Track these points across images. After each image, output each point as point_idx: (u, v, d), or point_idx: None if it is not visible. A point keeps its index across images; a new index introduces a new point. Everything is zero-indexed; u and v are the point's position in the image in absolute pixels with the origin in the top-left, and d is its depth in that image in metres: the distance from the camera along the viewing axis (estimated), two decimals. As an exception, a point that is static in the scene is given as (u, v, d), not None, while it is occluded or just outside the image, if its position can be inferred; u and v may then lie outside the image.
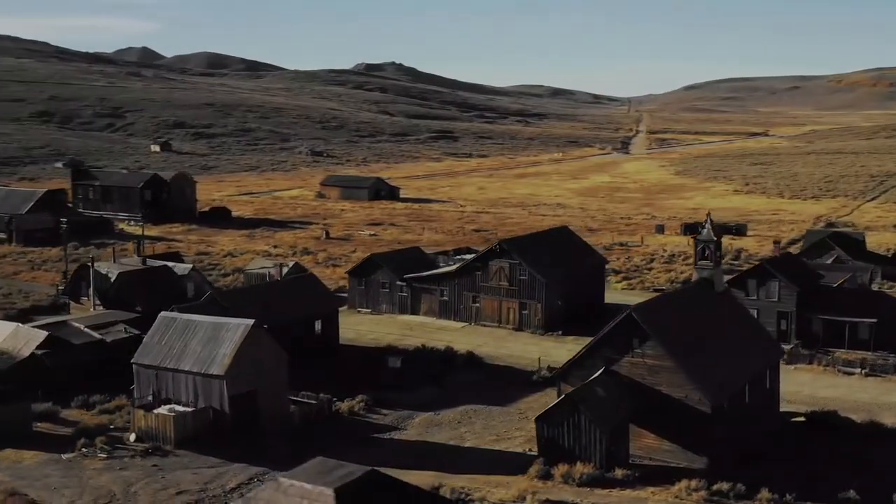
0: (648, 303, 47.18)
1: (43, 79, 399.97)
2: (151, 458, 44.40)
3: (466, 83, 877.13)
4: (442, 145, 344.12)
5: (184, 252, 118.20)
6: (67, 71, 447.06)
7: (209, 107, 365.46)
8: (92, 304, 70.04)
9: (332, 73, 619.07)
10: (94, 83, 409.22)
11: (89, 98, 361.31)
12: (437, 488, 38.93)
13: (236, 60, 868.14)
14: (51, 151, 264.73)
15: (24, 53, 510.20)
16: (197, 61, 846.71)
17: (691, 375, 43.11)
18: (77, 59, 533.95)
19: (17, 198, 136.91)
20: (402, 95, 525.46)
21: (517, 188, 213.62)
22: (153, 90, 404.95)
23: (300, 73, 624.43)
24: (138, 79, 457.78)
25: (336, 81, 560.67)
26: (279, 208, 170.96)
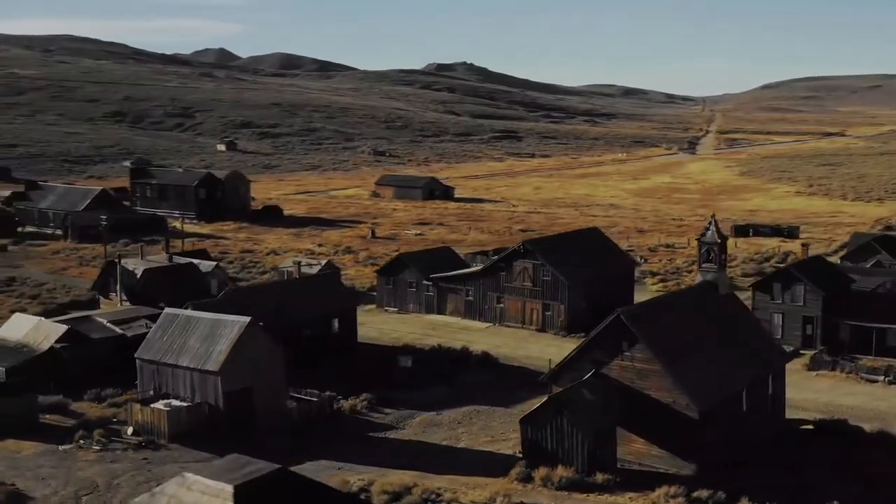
0: (639, 305, 46.46)
1: (118, 80, 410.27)
2: (144, 451, 45.31)
3: (538, 83, 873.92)
4: (505, 145, 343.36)
5: (229, 249, 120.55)
6: (142, 72, 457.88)
7: (276, 107, 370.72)
8: (119, 299, 71.74)
9: (402, 73, 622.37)
10: (167, 84, 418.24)
11: (161, 98, 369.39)
12: (410, 488, 38.94)
13: (309, 61, 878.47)
14: (120, 151, 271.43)
15: (103, 55, 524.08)
16: (271, 62, 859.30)
17: (679, 380, 42.32)
18: (153, 61, 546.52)
19: (74, 196, 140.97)
20: (470, 95, 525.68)
21: (574, 188, 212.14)
22: (223, 90, 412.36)
23: (370, 74, 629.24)
24: (210, 79, 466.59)
25: (405, 81, 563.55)
26: (332, 207, 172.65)
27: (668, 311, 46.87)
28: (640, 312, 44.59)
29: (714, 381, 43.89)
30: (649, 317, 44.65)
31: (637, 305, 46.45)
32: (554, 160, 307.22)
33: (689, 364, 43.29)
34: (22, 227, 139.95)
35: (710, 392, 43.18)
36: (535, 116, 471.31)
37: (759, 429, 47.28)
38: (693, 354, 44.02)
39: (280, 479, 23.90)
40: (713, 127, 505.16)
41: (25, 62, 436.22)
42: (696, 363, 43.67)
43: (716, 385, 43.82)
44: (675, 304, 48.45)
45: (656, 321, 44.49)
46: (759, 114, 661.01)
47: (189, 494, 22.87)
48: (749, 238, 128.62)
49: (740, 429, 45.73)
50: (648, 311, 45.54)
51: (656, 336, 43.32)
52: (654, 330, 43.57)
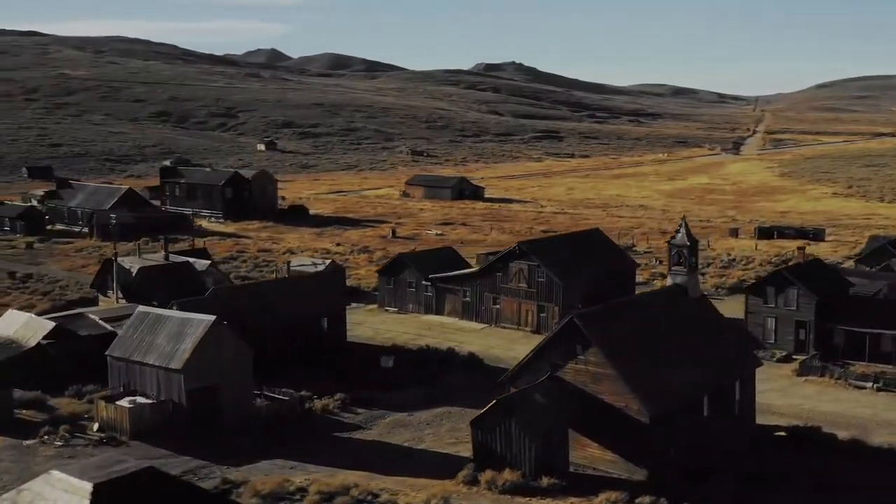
0: (596, 308, 45.95)
1: (165, 80, 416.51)
2: (104, 447, 45.90)
3: (587, 83, 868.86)
4: (545, 145, 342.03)
5: (247, 248, 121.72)
6: (190, 72, 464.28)
7: (318, 107, 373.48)
8: (115, 297, 72.82)
9: (448, 73, 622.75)
10: (214, 84, 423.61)
11: (206, 98, 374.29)
12: (348, 489, 38.97)
13: (358, 61, 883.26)
14: (162, 150, 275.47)
15: (152, 56, 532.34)
16: (321, 63, 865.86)
17: (631, 384, 41.76)
18: (201, 61, 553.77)
19: (102, 195, 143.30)
20: (515, 95, 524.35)
21: (608, 189, 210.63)
22: (268, 91, 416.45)
23: (416, 74, 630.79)
24: (256, 80, 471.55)
25: (450, 81, 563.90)
26: (360, 207, 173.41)
27: (627, 314, 46.28)
28: (595, 315, 44.07)
29: (670, 385, 43.23)
30: (604, 320, 44.12)
31: (593, 308, 45.89)
32: (593, 160, 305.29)
33: (643, 368, 42.70)
34: (52, 225, 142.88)
35: (664, 397, 42.55)
36: (578, 116, 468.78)
37: (726, 435, 46.45)
38: (649, 358, 43.40)
39: (144, 478, 24.09)
40: (761, 127, 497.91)
41: (76, 63, 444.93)
42: (651, 367, 43.06)
43: (671, 390, 43.16)
44: (636, 308, 47.82)
45: (611, 324, 43.94)
46: (810, 114, 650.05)
47: (52, 492, 23.18)
48: (772, 240, 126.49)
49: (702, 435, 45.00)
50: (604, 314, 44.99)
51: (610, 339, 42.80)
52: (608, 333, 43.05)
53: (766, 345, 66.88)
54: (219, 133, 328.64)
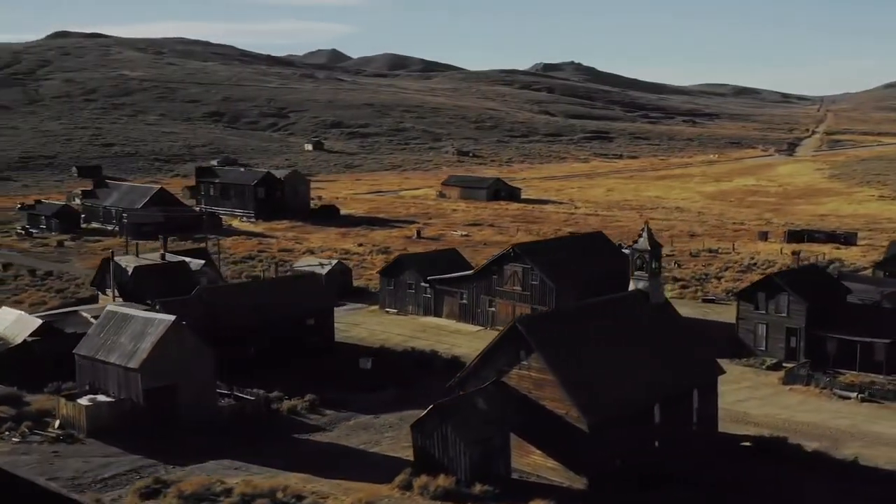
0: (542, 314, 45.31)
1: (220, 81, 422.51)
2: (59, 444, 46.62)
3: (647, 83, 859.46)
4: (594, 146, 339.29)
5: (268, 248, 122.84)
6: (246, 73, 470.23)
7: (369, 107, 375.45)
8: (112, 295, 74.02)
9: (503, 73, 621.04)
10: (268, 85, 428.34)
11: (258, 99, 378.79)
12: (275, 491, 39.01)
13: (417, 61, 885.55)
14: (211, 150, 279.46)
15: (211, 56, 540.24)
16: (379, 63, 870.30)
17: (571, 391, 41.11)
18: (258, 62, 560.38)
19: (135, 194, 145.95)
20: (568, 95, 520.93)
21: (648, 190, 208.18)
22: (320, 91, 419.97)
23: (470, 74, 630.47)
24: (310, 80, 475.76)
25: (505, 81, 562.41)
26: (394, 207, 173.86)
27: (575, 319, 45.54)
28: (539, 320, 43.49)
29: (614, 393, 42.45)
30: (548, 325, 43.51)
31: (539, 314, 45.27)
32: (641, 161, 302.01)
33: (585, 375, 42.00)
34: (88, 224, 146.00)
35: (606, 405, 41.79)
36: (631, 116, 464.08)
37: (682, 445, 45.50)
38: (593, 365, 42.67)
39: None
40: (821, 128, 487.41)
41: (136, 64, 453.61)
42: (594, 374, 42.33)
43: (615, 397, 42.38)
44: (587, 313, 47.02)
45: (555, 330, 43.28)
46: (875, 114, 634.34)
47: None
48: (801, 244, 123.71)
49: (652, 444, 44.16)
50: (549, 319, 44.35)
51: (552, 345, 42.18)
52: (551, 339, 42.43)
53: (758, 352, 65.45)
54: (269, 133, 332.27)
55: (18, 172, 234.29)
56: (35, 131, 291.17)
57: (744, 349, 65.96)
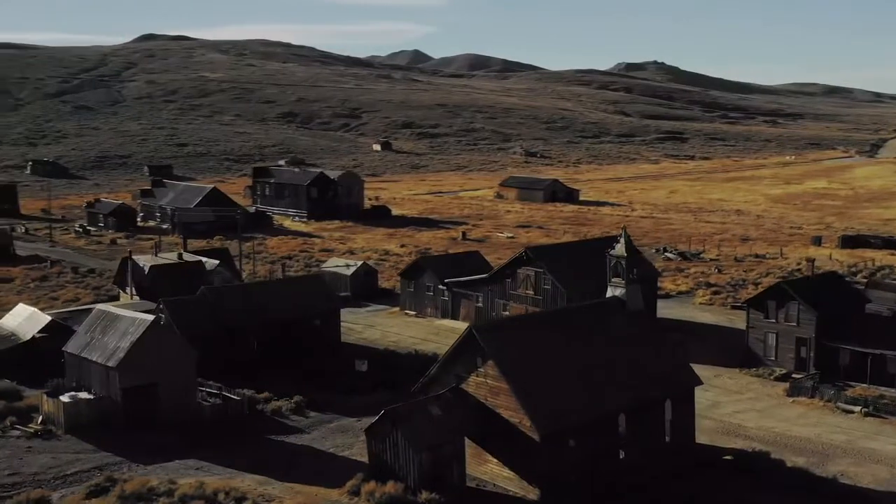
0: (500, 320, 44.54)
1: (297, 82, 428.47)
2: (35, 440, 47.68)
3: (732, 82, 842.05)
4: (667, 146, 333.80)
5: (310, 248, 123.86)
6: (323, 74, 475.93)
7: (441, 107, 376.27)
8: (130, 293, 75.57)
9: (580, 73, 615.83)
10: (343, 86, 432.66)
11: (332, 100, 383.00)
12: (217, 492, 39.13)
13: (497, 62, 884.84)
14: (281, 150, 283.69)
15: (290, 58, 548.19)
16: (459, 64, 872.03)
17: (523, 400, 40.29)
18: (337, 63, 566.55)
19: (189, 193, 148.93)
20: (647, 95, 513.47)
21: (713, 192, 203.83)
22: (394, 92, 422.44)
23: (547, 74, 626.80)
24: (386, 81, 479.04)
25: (582, 81, 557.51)
26: (449, 208, 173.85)
27: (534, 326, 44.62)
28: (495, 327, 42.77)
29: (570, 402, 41.44)
30: (505, 332, 42.74)
31: (497, 319, 44.50)
32: (713, 162, 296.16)
33: (539, 383, 41.09)
34: (145, 222, 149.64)
35: (561, 414, 40.82)
36: (710, 117, 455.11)
37: (651, 457, 44.27)
38: (550, 373, 41.73)
39: None
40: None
41: (216, 66, 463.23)
42: (550, 383, 41.39)
43: (572, 407, 41.37)
44: (551, 320, 46.04)
45: (512, 337, 42.48)
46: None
47: None
48: (855, 249, 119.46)
49: (615, 456, 43.06)
50: (507, 325, 43.56)
51: (507, 352, 41.41)
52: (507, 346, 41.66)
53: (767, 361, 63.34)
54: (341, 134, 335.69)
55: (93, 171, 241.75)
56: (114, 131, 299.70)
57: (753, 359, 63.90)
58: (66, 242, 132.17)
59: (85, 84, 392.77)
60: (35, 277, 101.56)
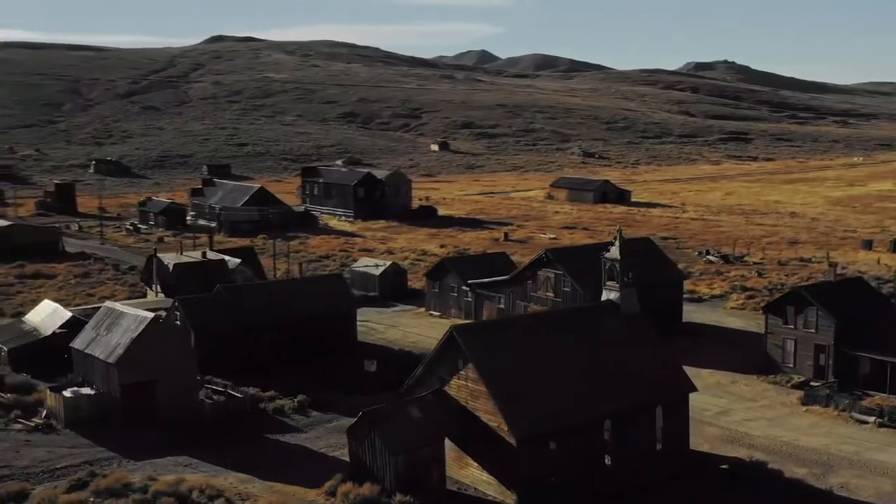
0: (481, 322, 44.08)
1: (359, 82, 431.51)
2: (35, 434, 48.71)
3: (806, 81, 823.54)
4: (729, 147, 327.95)
5: (349, 248, 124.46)
6: (386, 74, 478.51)
7: (501, 108, 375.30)
8: (155, 291, 76.79)
9: (645, 72, 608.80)
10: (406, 86, 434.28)
11: (393, 100, 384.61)
12: (192, 489, 39.43)
13: (565, 62, 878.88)
14: (338, 150, 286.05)
15: (355, 58, 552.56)
16: (525, 63, 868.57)
17: (501, 404, 39.79)
18: (401, 63, 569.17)
19: (237, 192, 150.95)
20: (714, 95, 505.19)
21: (770, 194, 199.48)
22: (456, 92, 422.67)
23: (612, 74, 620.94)
24: (448, 81, 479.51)
25: (647, 81, 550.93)
26: (497, 208, 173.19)
27: (517, 329, 43.99)
28: (476, 329, 42.35)
29: (551, 407, 40.79)
30: (486, 334, 42.26)
31: (479, 322, 44.03)
32: (776, 164, 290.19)
33: (518, 387, 40.51)
34: (195, 221, 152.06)
35: (539, 419, 40.18)
36: (777, 117, 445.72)
37: (640, 465, 43.37)
38: (529, 377, 41.12)
39: None
40: None
41: (281, 66, 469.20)
42: (529, 387, 40.79)
43: (552, 412, 40.70)
44: (532, 324, 45.35)
45: (494, 339, 41.98)
46: None
47: None
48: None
49: (601, 462, 42.29)
50: (488, 328, 43.06)
51: (488, 355, 40.94)
52: (488, 348, 41.18)
53: (785, 368, 61.65)
54: (400, 134, 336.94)
55: (154, 170, 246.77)
56: (178, 131, 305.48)
57: (772, 365, 62.27)
58: (116, 240, 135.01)
59: (153, 85, 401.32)
60: (77, 274, 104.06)
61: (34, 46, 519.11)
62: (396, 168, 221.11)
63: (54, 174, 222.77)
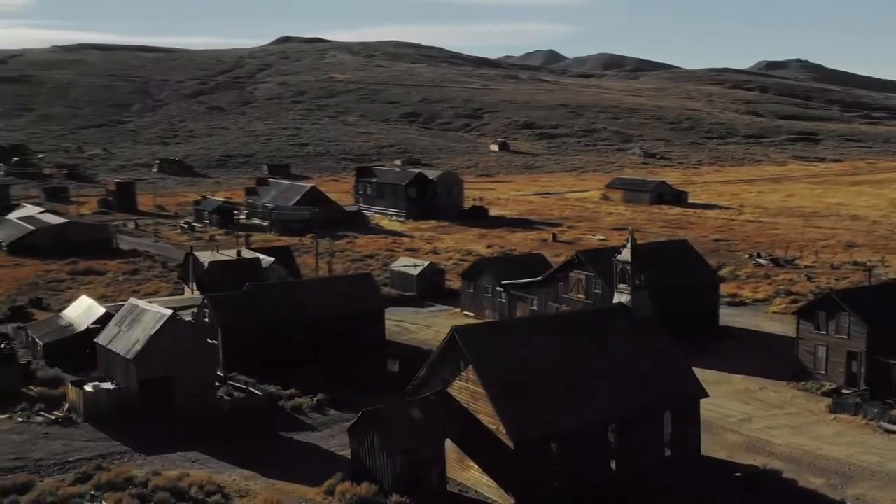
0: (484, 324, 43.74)
1: (424, 82, 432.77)
2: (55, 426, 49.81)
3: (885, 80, 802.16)
4: (797, 148, 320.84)
5: (396, 248, 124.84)
6: (450, 75, 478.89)
7: (563, 108, 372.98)
8: (191, 288, 77.98)
9: (713, 72, 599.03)
10: (468, 86, 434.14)
11: (455, 100, 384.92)
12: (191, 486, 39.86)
13: (633, 61, 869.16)
14: (398, 150, 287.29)
15: (420, 59, 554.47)
16: (593, 63, 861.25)
17: (499, 406, 39.49)
18: (465, 63, 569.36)
19: (290, 192, 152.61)
20: (784, 95, 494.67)
21: (833, 196, 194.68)
22: (519, 92, 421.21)
23: (678, 73, 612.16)
24: (512, 81, 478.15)
25: (715, 81, 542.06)
26: (550, 209, 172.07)
27: (520, 332, 43.53)
28: (478, 330, 42.03)
29: (551, 411, 40.31)
30: (488, 336, 41.93)
31: (482, 324, 43.69)
32: (844, 165, 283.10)
33: (518, 390, 40.15)
34: (249, 220, 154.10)
35: (538, 422, 39.74)
36: (848, 117, 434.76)
37: (647, 471, 42.65)
38: (530, 380, 40.70)
39: None
40: None
41: (346, 67, 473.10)
42: (530, 390, 40.38)
43: (555, 415, 40.22)
44: (536, 326, 44.82)
45: (497, 341, 41.64)
46: None
47: None
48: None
49: (606, 467, 41.70)
50: (490, 330, 42.69)
51: (487, 357, 40.63)
52: (488, 350, 40.88)
53: (817, 375, 60.02)
54: (461, 134, 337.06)
55: (216, 170, 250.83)
56: (241, 131, 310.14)
57: (803, 372, 60.70)
58: (170, 238, 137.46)
59: (220, 86, 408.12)
60: (126, 271, 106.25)
61: (107, 48, 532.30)
62: (454, 168, 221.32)
63: (120, 173, 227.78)
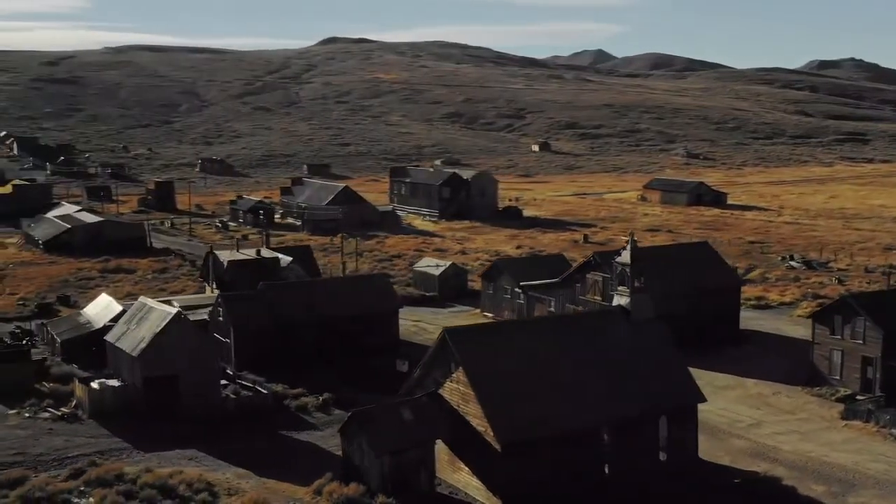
0: (475, 325, 43.44)
1: (468, 83, 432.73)
2: (60, 422, 50.51)
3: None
4: (844, 149, 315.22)
5: (424, 248, 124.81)
6: (494, 75, 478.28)
7: (607, 108, 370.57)
8: (211, 287, 78.67)
9: (762, 71, 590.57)
10: (512, 86, 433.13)
11: (499, 100, 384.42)
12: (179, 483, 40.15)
13: (682, 61, 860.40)
14: (439, 150, 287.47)
15: (465, 59, 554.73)
16: (641, 63, 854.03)
17: (487, 408, 39.22)
18: (511, 64, 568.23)
19: (323, 192, 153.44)
20: (835, 94, 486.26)
21: (877, 198, 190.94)
22: (563, 92, 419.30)
23: (726, 73, 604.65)
24: (557, 81, 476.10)
25: (764, 80, 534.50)
26: (585, 210, 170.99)
27: (512, 334, 43.12)
28: (469, 332, 41.74)
29: (540, 413, 39.93)
30: (479, 338, 41.60)
31: (473, 325, 43.41)
32: (892, 166, 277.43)
33: (508, 392, 39.82)
34: (283, 219, 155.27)
35: (527, 425, 39.39)
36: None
37: (641, 475, 42.11)
38: (520, 383, 40.36)
39: None
40: None
41: (391, 67, 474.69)
42: (519, 392, 40.03)
43: (540, 418, 39.85)
44: (530, 329, 44.38)
45: (488, 343, 41.32)
46: None
47: None
48: None
49: (599, 471, 41.24)
50: (481, 332, 42.37)
51: (478, 359, 40.36)
52: (480, 352, 40.60)
53: (832, 380, 58.81)
54: (503, 134, 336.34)
55: (256, 169, 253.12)
56: (284, 131, 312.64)
57: (818, 377, 59.53)
58: (204, 237, 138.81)
59: (266, 86, 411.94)
60: (156, 269, 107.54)
61: (156, 49, 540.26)
62: (493, 169, 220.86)
63: (163, 172, 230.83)
